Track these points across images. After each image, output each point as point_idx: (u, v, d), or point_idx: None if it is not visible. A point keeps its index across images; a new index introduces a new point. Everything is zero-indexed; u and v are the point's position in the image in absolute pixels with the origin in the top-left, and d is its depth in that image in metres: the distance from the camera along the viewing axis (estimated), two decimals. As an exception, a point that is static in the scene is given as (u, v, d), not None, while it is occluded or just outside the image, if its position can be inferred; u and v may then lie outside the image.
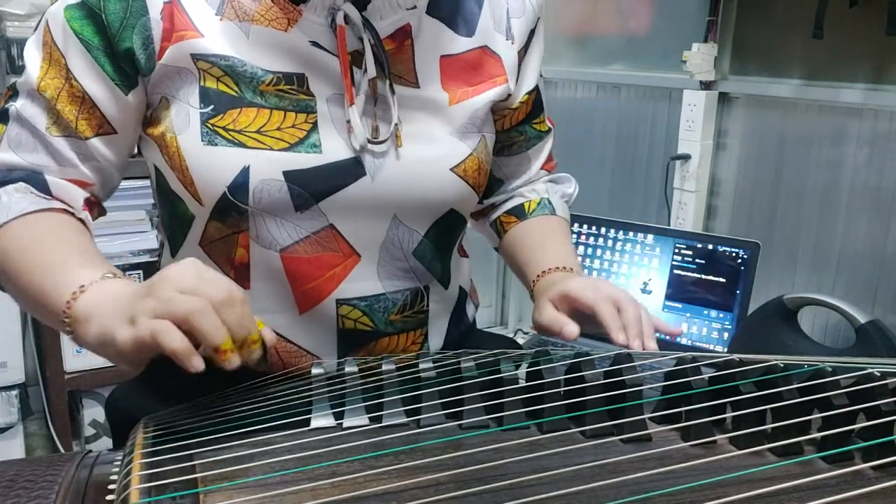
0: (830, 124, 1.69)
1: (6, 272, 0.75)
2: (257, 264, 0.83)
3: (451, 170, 0.85)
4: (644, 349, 0.78)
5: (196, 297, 0.59)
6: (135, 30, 0.77)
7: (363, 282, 0.85)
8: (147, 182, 0.88)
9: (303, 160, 0.79)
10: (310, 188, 0.80)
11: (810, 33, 1.59)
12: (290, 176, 0.79)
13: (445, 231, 0.90)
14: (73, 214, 0.80)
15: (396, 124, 0.82)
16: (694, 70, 1.84)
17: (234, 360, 0.60)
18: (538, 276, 0.92)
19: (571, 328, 0.81)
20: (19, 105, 0.80)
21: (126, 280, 0.69)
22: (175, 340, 0.57)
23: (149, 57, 0.78)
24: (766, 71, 1.80)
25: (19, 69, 1.80)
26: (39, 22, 0.81)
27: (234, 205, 0.79)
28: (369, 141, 0.81)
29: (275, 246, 0.82)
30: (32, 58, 0.80)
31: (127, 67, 0.79)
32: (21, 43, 1.81)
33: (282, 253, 0.82)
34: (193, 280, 0.61)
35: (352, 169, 0.81)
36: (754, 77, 1.83)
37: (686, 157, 1.90)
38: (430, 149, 0.85)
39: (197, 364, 0.57)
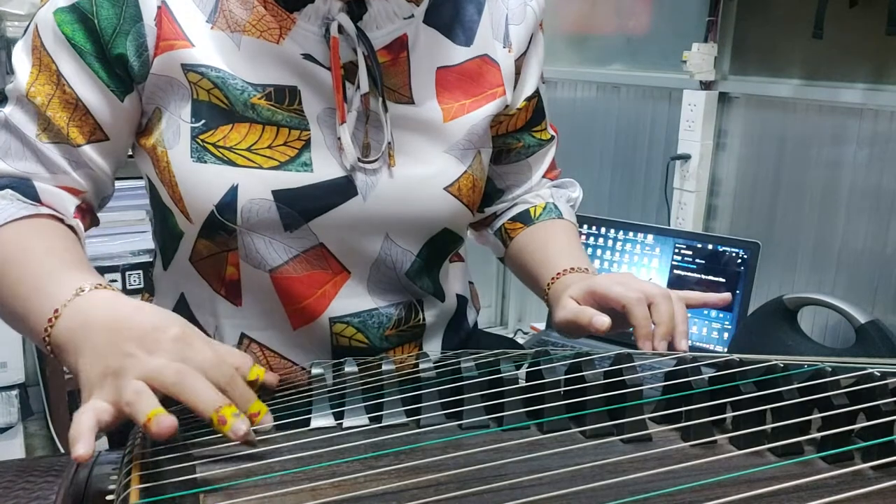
0: (830, 124, 1.69)
1: None
2: (248, 282, 0.82)
3: (445, 189, 0.84)
4: (676, 349, 0.73)
5: (183, 366, 0.56)
6: (128, 36, 0.75)
7: (354, 298, 0.84)
8: (147, 182, 0.87)
9: (293, 179, 0.78)
10: (299, 207, 0.78)
11: (810, 33, 1.59)
12: (279, 195, 0.77)
13: (438, 250, 0.88)
14: (62, 220, 0.77)
15: (389, 143, 0.80)
16: (694, 70, 1.84)
17: (238, 426, 0.54)
18: (553, 278, 0.87)
19: (602, 318, 0.74)
20: (8, 111, 0.78)
21: (98, 298, 0.64)
22: (143, 412, 0.53)
23: (143, 64, 0.76)
24: (766, 71, 1.80)
25: (19, 69, 1.81)
26: (28, 25, 0.78)
27: (222, 223, 0.78)
28: (360, 160, 0.79)
29: (264, 266, 0.81)
30: (21, 63, 0.78)
31: (121, 73, 0.77)
32: (21, 43, 1.80)
33: (272, 273, 0.81)
34: (179, 347, 0.57)
35: (343, 188, 0.79)
36: (754, 77, 1.83)
37: (686, 157, 1.90)
38: (423, 168, 0.82)
39: (165, 423, 0.52)
